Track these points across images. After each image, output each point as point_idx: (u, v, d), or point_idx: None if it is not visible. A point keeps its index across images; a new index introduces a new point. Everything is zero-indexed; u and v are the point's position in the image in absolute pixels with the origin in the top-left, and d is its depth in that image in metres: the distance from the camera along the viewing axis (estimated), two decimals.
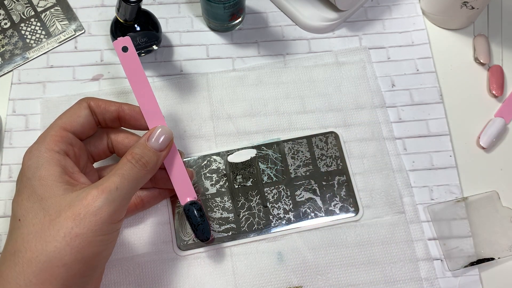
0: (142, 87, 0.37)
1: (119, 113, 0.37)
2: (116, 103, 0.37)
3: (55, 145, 0.33)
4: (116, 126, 0.39)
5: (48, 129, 0.35)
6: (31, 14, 0.49)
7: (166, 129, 0.36)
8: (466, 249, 0.40)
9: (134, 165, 0.34)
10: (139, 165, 0.34)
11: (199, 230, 0.37)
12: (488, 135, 0.44)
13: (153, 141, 0.36)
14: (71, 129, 0.35)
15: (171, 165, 0.38)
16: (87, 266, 0.31)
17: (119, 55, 0.37)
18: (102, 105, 0.37)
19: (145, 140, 0.36)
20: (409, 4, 0.50)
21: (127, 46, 0.37)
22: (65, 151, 0.34)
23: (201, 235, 0.37)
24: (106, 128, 0.39)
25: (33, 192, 0.31)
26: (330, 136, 0.44)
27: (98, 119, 0.37)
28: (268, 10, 0.49)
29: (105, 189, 0.31)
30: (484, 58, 0.47)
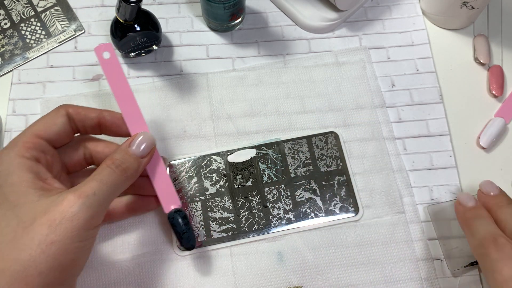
0: (124, 93, 0.37)
1: (100, 119, 0.36)
2: (96, 109, 0.37)
3: (26, 151, 0.32)
4: (97, 133, 0.38)
5: (20, 135, 0.33)
6: (31, 14, 0.49)
7: (148, 136, 0.36)
8: (466, 249, 0.40)
9: (113, 170, 0.33)
10: (119, 170, 0.33)
11: (184, 238, 0.37)
12: (488, 135, 0.44)
13: (134, 147, 0.35)
14: (45, 137, 0.34)
15: (153, 172, 0.37)
16: (64, 273, 0.30)
17: (100, 61, 0.36)
18: (82, 112, 0.36)
19: (127, 146, 0.35)
20: (409, 4, 0.50)
21: (108, 52, 0.36)
22: (36, 158, 0.32)
23: (186, 243, 0.37)
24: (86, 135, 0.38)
25: (5, 200, 0.30)
26: (330, 136, 0.44)
27: (77, 126, 0.36)
28: (268, 10, 0.49)
29: (82, 194, 0.30)
30: (484, 58, 0.47)
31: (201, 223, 0.41)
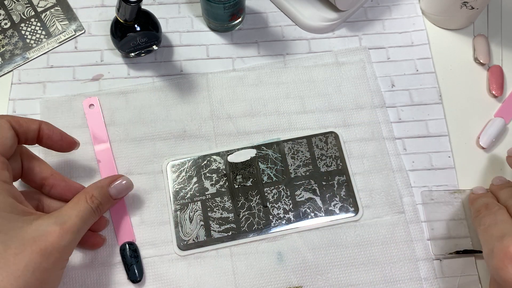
0: (102, 140, 0.43)
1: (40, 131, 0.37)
2: (36, 120, 0.37)
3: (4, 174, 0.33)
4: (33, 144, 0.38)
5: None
6: (31, 14, 0.49)
7: (129, 182, 0.39)
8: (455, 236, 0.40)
9: (92, 209, 0.35)
10: (97, 210, 0.36)
11: (131, 270, 0.39)
12: (488, 135, 0.44)
13: (114, 191, 0.38)
14: (3, 153, 0.34)
15: (115, 209, 0.41)
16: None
17: (86, 112, 0.44)
18: (24, 124, 0.36)
19: (106, 186, 0.37)
20: (409, 4, 0.50)
21: (93, 104, 0.44)
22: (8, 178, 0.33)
23: (132, 275, 0.39)
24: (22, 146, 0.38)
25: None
26: (330, 136, 0.44)
27: (19, 138, 0.36)
28: (268, 10, 0.49)
29: (69, 230, 0.33)
30: (484, 58, 0.47)
31: (201, 223, 0.41)
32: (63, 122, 0.44)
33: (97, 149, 0.43)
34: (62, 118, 0.44)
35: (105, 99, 0.45)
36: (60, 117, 0.44)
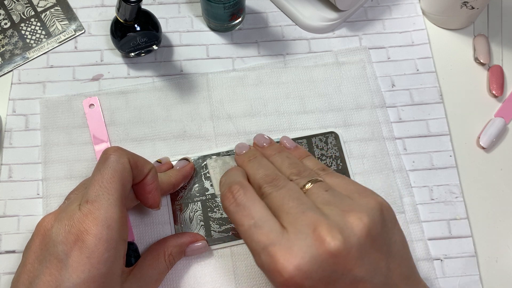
0: (102, 140, 0.43)
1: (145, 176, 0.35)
2: (149, 164, 0.35)
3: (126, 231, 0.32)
4: None
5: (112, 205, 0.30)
6: (31, 14, 0.49)
7: (206, 247, 0.39)
8: None
9: (167, 268, 0.37)
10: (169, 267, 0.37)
11: None
12: (488, 135, 0.44)
13: (189, 251, 0.39)
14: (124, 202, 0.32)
15: None
16: None
17: (86, 111, 0.44)
18: (140, 166, 0.34)
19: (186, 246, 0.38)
20: (409, 4, 0.50)
21: (93, 103, 0.44)
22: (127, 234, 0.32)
23: None
24: None
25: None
26: (330, 136, 0.44)
27: None
28: (268, 10, 0.49)
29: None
30: (484, 58, 0.47)
31: (201, 223, 0.41)
32: (63, 122, 0.44)
33: (97, 149, 0.43)
34: (62, 118, 0.44)
35: (105, 99, 0.45)
36: (60, 117, 0.44)
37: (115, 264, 0.30)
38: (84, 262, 0.28)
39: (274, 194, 0.30)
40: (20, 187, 0.42)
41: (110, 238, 0.29)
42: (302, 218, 0.28)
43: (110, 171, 0.31)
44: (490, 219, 0.42)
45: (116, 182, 0.31)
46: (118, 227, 0.30)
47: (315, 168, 0.35)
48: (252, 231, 0.29)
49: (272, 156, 0.36)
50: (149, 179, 0.35)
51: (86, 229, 0.29)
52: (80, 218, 0.29)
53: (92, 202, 0.30)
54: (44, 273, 0.29)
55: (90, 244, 0.29)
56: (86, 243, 0.29)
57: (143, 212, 0.41)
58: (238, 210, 0.30)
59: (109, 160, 0.32)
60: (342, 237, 0.26)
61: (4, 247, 0.40)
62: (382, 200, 0.30)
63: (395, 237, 0.29)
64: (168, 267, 0.37)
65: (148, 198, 0.35)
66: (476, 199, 0.42)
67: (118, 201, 0.31)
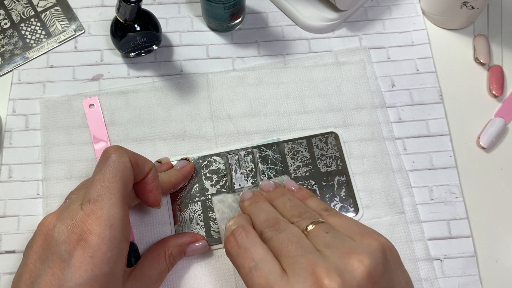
0: (102, 140, 0.43)
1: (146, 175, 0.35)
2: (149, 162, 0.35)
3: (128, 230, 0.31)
4: None
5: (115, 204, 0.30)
6: (31, 14, 0.49)
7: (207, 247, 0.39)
8: None
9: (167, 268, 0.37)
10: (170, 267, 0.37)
11: None
12: (488, 135, 0.44)
13: (190, 251, 0.39)
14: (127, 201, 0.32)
15: None
16: None
17: (86, 111, 0.44)
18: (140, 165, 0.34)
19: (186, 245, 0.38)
20: (409, 4, 0.50)
21: (93, 103, 0.44)
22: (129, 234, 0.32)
23: None
24: None
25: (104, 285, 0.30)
26: (330, 136, 0.44)
27: None
28: (268, 10, 0.49)
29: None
30: (484, 58, 0.47)
31: (201, 223, 0.41)
32: (63, 122, 0.44)
33: (97, 148, 0.43)
34: (62, 118, 0.44)
35: (105, 99, 0.45)
36: (60, 117, 0.44)
37: (118, 264, 0.30)
38: (87, 261, 0.28)
39: (274, 238, 0.30)
40: (20, 187, 0.42)
41: (113, 237, 0.29)
42: (301, 261, 0.27)
43: (112, 171, 0.31)
44: (490, 219, 0.42)
45: (117, 181, 0.31)
46: (121, 227, 0.30)
47: (318, 209, 0.34)
48: (252, 273, 0.28)
49: (275, 200, 0.36)
50: (150, 178, 0.35)
51: (89, 228, 0.29)
52: (82, 217, 0.29)
53: (94, 202, 0.30)
54: (47, 273, 0.29)
55: (93, 244, 0.29)
56: (89, 243, 0.29)
57: (143, 212, 0.41)
58: (239, 252, 0.30)
59: (110, 159, 0.31)
60: (340, 280, 0.26)
61: (4, 247, 0.40)
62: (386, 240, 0.29)
63: (399, 279, 0.29)
64: (169, 267, 0.37)
65: (149, 196, 0.35)
66: (476, 199, 0.42)
67: (120, 201, 0.31)
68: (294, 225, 0.31)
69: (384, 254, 0.28)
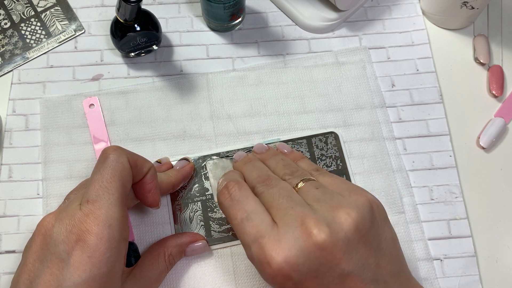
0: (102, 140, 0.43)
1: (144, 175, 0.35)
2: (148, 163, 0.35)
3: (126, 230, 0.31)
4: None
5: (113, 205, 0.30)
6: (31, 14, 0.49)
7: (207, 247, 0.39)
8: None
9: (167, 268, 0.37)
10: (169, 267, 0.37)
11: None
12: (488, 135, 0.44)
13: (190, 251, 0.39)
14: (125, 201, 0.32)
15: None
16: None
17: (86, 111, 0.44)
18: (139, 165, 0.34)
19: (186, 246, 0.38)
20: (409, 4, 0.50)
21: (93, 103, 0.44)
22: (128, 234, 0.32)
23: None
24: None
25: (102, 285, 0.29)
26: (330, 136, 0.44)
27: None
28: (268, 10, 0.49)
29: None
30: (484, 58, 0.47)
31: (201, 223, 0.41)
32: (63, 122, 0.44)
33: (97, 149, 0.43)
34: (62, 118, 0.44)
35: (105, 99, 0.45)
36: (60, 117, 0.44)
37: (117, 263, 0.30)
38: (86, 261, 0.28)
39: (266, 193, 0.31)
40: (20, 187, 0.42)
41: (112, 237, 0.29)
42: (291, 213, 0.29)
43: (110, 171, 0.31)
44: (490, 219, 0.42)
45: (116, 181, 0.31)
46: (120, 227, 0.30)
47: (309, 169, 0.36)
48: (244, 223, 0.30)
49: (268, 160, 0.37)
50: (149, 178, 0.35)
51: (88, 228, 0.29)
52: (81, 218, 0.29)
53: (93, 202, 0.30)
54: (45, 273, 0.29)
55: (91, 244, 0.29)
56: (87, 243, 0.29)
57: (143, 212, 0.41)
58: (232, 204, 0.31)
59: (109, 159, 0.32)
60: (329, 230, 0.27)
61: (4, 247, 0.40)
62: (373, 197, 0.31)
63: (385, 234, 0.30)
64: (168, 267, 0.37)
65: (147, 197, 0.35)
66: (476, 199, 0.42)
67: (118, 201, 0.31)
68: (286, 182, 0.33)
69: (371, 210, 0.29)
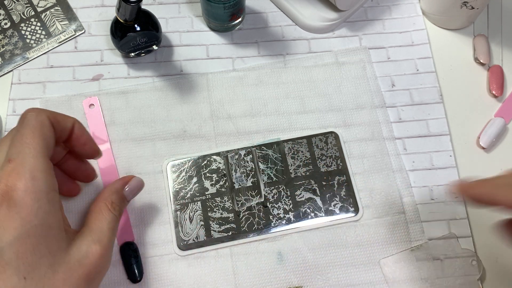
0: (102, 140, 0.43)
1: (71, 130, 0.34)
2: (70, 118, 0.34)
3: (54, 182, 0.30)
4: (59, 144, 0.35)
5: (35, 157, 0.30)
6: (31, 14, 0.49)
7: (141, 181, 0.37)
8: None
9: (116, 217, 0.34)
10: (119, 216, 0.35)
11: (131, 270, 0.39)
12: (488, 135, 0.44)
13: (128, 193, 0.37)
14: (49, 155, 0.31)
15: None
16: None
17: (86, 111, 0.44)
18: (61, 121, 0.33)
19: (122, 189, 0.36)
20: (409, 4, 0.50)
21: (93, 103, 0.44)
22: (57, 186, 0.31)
23: (132, 275, 0.39)
24: None
25: (39, 244, 0.28)
26: (330, 136, 0.44)
27: None
28: (268, 10, 0.49)
29: (107, 247, 0.32)
30: (484, 58, 0.47)
31: (201, 223, 0.41)
32: None
33: None
34: None
35: (105, 99, 0.45)
36: None
37: (50, 216, 0.29)
38: (15, 218, 0.28)
39: None
40: None
41: (38, 189, 0.29)
42: None
43: (30, 128, 0.30)
44: (490, 219, 0.42)
45: (36, 137, 0.30)
46: (45, 177, 0.29)
47: None
48: None
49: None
50: (78, 132, 0.35)
51: (11, 186, 0.28)
52: (4, 177, 0.29)
53: (15, 160, 0.29)
54: None
55: (17, 199, 0.28)
56: (13, 199, 0.28)
57: (143, 212, 0.41)
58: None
59: (26, 118, 0.31)
60: None
61: None
62: None
63: None
64: (117, 216, 0.35)
65: (86, 149, 0.35)
66: None
67: (41, 153, 0.30)
68: None
69: None
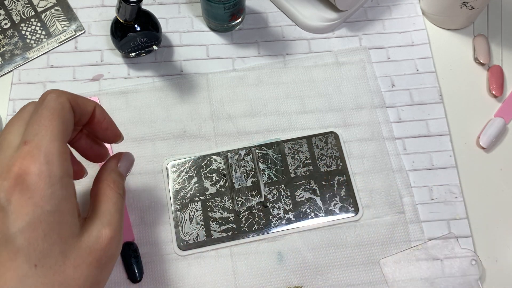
0: None
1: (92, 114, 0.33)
2: (91, 101, 0.33)
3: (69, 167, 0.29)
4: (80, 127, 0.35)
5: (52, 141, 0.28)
6: (31, 14, 0.49)
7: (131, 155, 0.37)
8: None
9: (121, 196, 0.33)
10: (123, 194, 0.34)
11: (131, 270, 0.39)
12: (488, 135, 0.44)
13: (123, 168, 0.36)
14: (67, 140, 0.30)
15: None
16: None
17: None
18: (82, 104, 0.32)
19: (116, 166, 0.35)
20: (409, 4, 0.50)
21: None
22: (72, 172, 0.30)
23: (132, 275, 0.39)
24: None
25: (51, 231, 0.27)
26: (330, 136, 0.44)
27: None
28: (268, 10, 0.49)
29: (116, 229, 0.31)
30: (484, 58, 0.47)
31: (201, 223, 0.41)
32: None
33: None
34: None
35: (105, 99, 0.45)
36: None
37: (64, 202, 0.28)
38: (27, 203, 0.27)
39: None
40: None
41: (52, 173, 0.27)
42: None
43: (49, 110, 0.29)
44: (490, 219, 0.42)
45: (55, 119, 0.29)
46: (60, 162, 0.28)
47: None
48: None
49: None
50: (99, 116, 0.33)
51: (25, 170, 0.27)
52: (17, 161, 0.28)
53: (30, 142, 0.28)
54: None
55: (30, 183, 0.27)
56: (26, 183, 0.27)
57: (143, 212, 0.41)
58: None
59: (47, 100, 0.30)
60: None
61: None
62: None
63: None
64: (122, 195, 0.34)
65: (107, 134, 0.34)
66: (476, 199, 0.42)
67: (58, 137, 0.29)
68: None
69: None
